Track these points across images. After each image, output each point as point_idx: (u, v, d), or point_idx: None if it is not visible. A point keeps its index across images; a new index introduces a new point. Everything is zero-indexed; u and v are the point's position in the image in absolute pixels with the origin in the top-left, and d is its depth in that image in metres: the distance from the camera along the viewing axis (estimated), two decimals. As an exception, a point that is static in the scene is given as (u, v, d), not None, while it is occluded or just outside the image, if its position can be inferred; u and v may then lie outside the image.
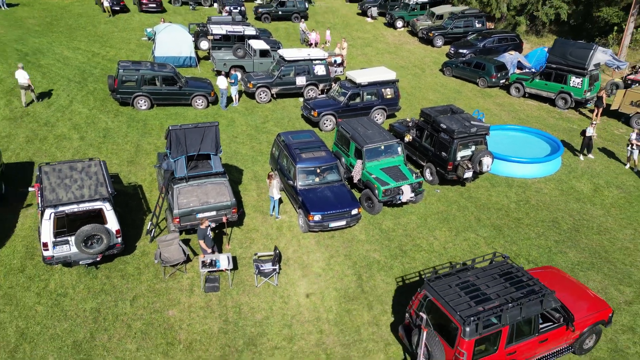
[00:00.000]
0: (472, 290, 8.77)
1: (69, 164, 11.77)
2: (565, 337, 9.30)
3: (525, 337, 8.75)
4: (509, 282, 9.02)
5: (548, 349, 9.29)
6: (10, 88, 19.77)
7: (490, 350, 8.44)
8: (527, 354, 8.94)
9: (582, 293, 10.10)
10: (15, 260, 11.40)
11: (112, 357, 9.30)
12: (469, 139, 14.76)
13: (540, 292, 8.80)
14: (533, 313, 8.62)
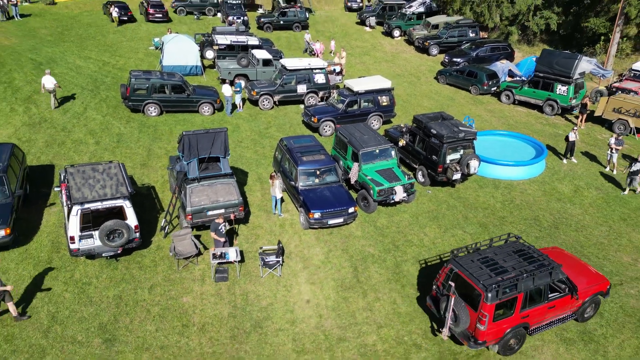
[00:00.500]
0: (492, 264, 10.18)
1: (91, 165, 13.00)
2: (569, 305, 10.76)
3: (537, 303, 10.23)
4: (522, 258, 10.43)
5: (555, 314, 10.70)
6: (27, 96, 21.02)
7: (507, 313, 9.88)
8: (538, 318, 10.38)
9: (583, 268, 11.59)
10: (42, 253, 12.59)
11: (134, 337, 10.48)
12: (458, 144, 15.99)
13: (550, 265, 10.22)
14: (543, 283, 10.06)
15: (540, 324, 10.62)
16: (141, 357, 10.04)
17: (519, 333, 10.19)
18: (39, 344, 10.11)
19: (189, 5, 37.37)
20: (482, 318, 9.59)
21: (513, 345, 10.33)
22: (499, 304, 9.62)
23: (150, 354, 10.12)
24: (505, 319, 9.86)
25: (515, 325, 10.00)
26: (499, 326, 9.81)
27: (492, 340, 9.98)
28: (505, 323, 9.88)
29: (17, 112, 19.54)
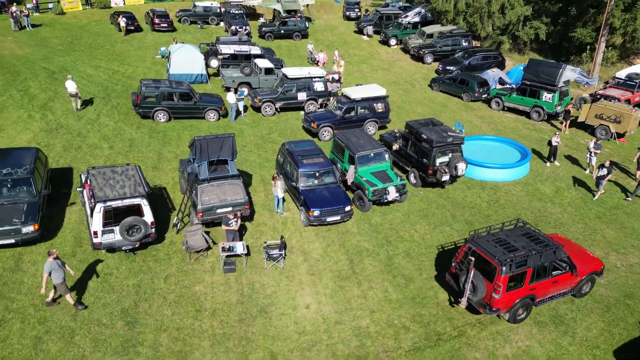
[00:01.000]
0: (504, 244, 11.72)
1: (110, 168, 14.33)
2: (569, 281, 12.41)
3: (542, 278, 11.81)
4: (530, 239, 11.99)
5: (557, 289, 12.31)
6: (43, 103, 22.36)
7: (518, 286, 11.47)
8: (543, 291, 12.02)
9: (581, 251, 13.23)
10: (67, 247, 13.89)
11: (153, 320, 11.77)
12: (446, 148, 17.34)
13: (554, 246, 11.77)
14: (548, 260, 11.65)
15: (545, 297, 12.29)
16: (160, 337, 11.33)
17: (527, 303, 11.90)
18: (68, 325, 11.40)
19: (193, 14, 38.81)
20: (497, 288, 11.20)
21: (521, 314, 12.00)
22: (511, 277, 11.26)
23: (168, 334, 11.41)
24: (516, 290, 11.50)
25: (524, 296, 11.68)
26: (511, 296, 11.48)
27: (504, 309, 11.65)
28: (516, 294, 11.54)
29: (35, 119, 20.88)
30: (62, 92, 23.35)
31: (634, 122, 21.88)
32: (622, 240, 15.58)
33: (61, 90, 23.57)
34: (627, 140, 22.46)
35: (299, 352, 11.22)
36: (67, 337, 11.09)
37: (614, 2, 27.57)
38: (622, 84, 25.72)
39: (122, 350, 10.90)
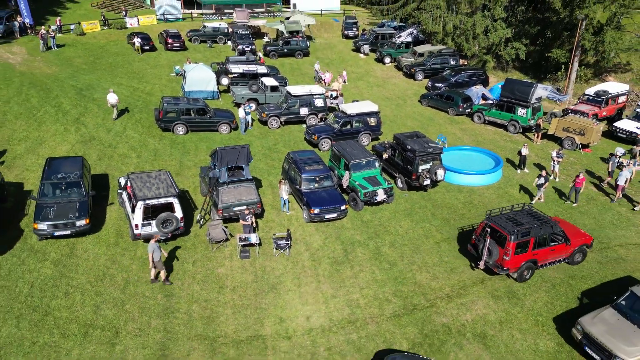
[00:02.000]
0: (513, 220, 15.42)
1: (146, 173, 17.45)
2: (564, 251, 16.08)
3: (542, 247, 15.48)
4: (533, 218, 15.61)
5: (554, 256, 16.01)
6: (76, 118, 25.54)
7: (523, 251, 15.08)
8: (543, 257, 15.69)
9: (575, 229, 16.89)
10: (111, 238, 16.95)
11: (185, 294, 14.78)
12: (427, 156, 20.42)
13: (551, 222, 15.39)
14: (546, 233, 15.37)
15: (545, 262, 15.88)
16: (192, 306, 14.35)
17: (530, 266, 15.49)
18: (119, 297, 14.43)
19: (203, 34, 42.21)
20: (507, 252, 14.80)
21: (526, 274, 15.59)
22: (518, 244, 14.82)
23: (198, 305, 14.43)
24: (522, 254, 15.09)
25: (528, 260, 15.29)
26: (518, 259, 15.06)
27: (513, 269, 15.21)
28: (522, 257, 15.14)
29: (70, 132, 24.04)
30: (91, 108, 26.60)
31: (596, 135, 25.02)
32: (574, 234, 18.58)
33: (90, 106, 26.82)
34: (591, 150, 25.57)
35: (303, 318, 14.22)
36: (119, 306, 14.12)
37: (584, 26, 30.86)
38: (590, 100, 28.86)
39: (163, 315, 13.92)
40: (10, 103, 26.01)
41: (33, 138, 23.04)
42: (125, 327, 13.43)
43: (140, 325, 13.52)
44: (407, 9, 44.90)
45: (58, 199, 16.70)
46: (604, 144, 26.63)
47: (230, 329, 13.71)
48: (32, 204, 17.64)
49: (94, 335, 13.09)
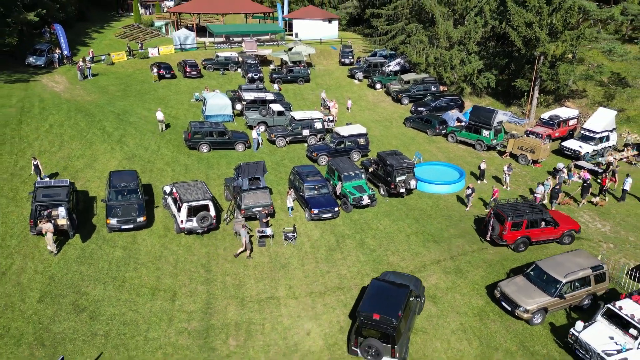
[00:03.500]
0: (513, 207, 22.15)
1: (186, 182, 23.35)
2: (554, 233, 22.29)
3: (534, 227, 21.80)
4: (530, 207, 22.44)
5: (545, 236, 22.33)
6: (118, 138, 31.47)
7: (518, 229, 21.52)
8: (535, 235, 22.00)
9: (567, 219, 23.07)
10: (160, 231, 22.75)
11: (220, 270, 20.54)
12: (403, 170, 26.30)
13: (542, 210, 21.63)
14: (538, 217, 21.71)
15: (538, 239, 22.22)
16: (225, 278, 20.12)
17: (524, 241, 21.97)
18: (173, 271, 20.20)
19: (216, 63, 48.43)
20: (506, 228, 21.39)
21: (521, 247, 22.01)
22: (514, 223, 21.37)
23: (230, 277, 20.19)
24: (517, 231, 21.60)
25: (521, 236, 21.80)
26: (514, 234, 21.64)
27: (510, 241, 21.68)
28: (517, 233, 21.67)
29: (116, 150, 29.97)
30: (129, 130, 32.55)
31: (544, 152, 30.97)
32: (515, 230, 24.41)
33: (128, 128, 32.78)
34: (541, 165, 31.48)
35: (306, 285, 19.98)
36: (174, 277, 19.89)
37: (541, 61, 37.02)
38: (545, 123, 34.87)
39: (206, 283, 19.69)
40: (64, 126, 31.98)
41: (88, 155, 28.97)
42: (180, 290, 19.22)
43: (190, 289, 19.30)
44: (396, 40, 51.26)
45: (122, 201, 22.52)
46: (553, 159, 32.55)
47: (253, 292, 19.48)
48: (101, 205, 23.51)
49: (159, 295, 18.86)
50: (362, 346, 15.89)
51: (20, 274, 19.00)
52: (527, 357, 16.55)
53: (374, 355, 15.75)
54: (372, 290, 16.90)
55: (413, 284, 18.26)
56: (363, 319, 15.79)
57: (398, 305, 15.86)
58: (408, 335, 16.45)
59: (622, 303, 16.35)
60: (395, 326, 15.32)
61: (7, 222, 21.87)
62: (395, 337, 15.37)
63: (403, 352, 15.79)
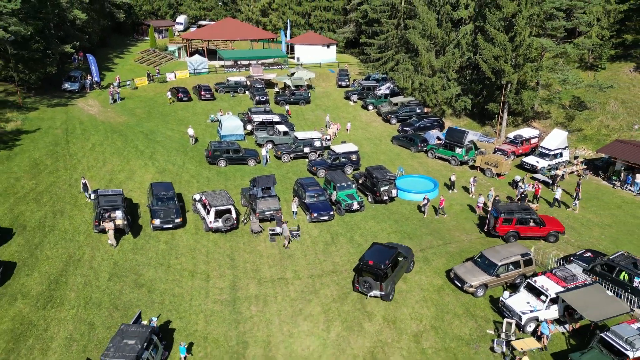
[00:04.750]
0: (508, 207, 28.70)
1: (212, 191, 29.79)
2: (540, 231, 28.39)
3: (523, 224, 28.15)
4: (522, 208, 28.63)
5: (532, 233, 28.53)
6: (149, 155, 37.92)
7: (509, 224, 28.09)
8: (523, 231, 28.34)
9: (553, 220, 29.03)
10: (192, 230, 29.11)
11: (241, 259, 26.88)
12: (386, 182, 32.72)
13: (531, 211, 27.92)
14: (527, 217, 27.85)
15: (525, 235, 28.23)
16: (246, 264, 26.46)
17: (514, 235, 28.12)
18: (205, 259, 26.54)
19: (227, 86, 55.10)
20: (498, 223, 27.45)
21: (511, 240, 28.02)
22: (505, 219, 27.78)
23: (249, 264, 26.53)
24: (508, 226, 27.90)
25: (510, 230, 27.98)
26: (505, 228, 28.08)
27: (502, 234, 27.97)
28: (507, 228, 27.96)
29: (149, 165, 36.42)
30: (158, 148, 39.04)
31: (506, 166, 37.45)
32: (470, 229, 30.76)
33: (157, 147, 39.27)
34: (504, 177, 37.92)
35: (307, 270, 26.30)
36: (206, 263, 26.21)
37: (508, 88, 43.67)
38: (511, 141, 41.40)
39: (231, 268, 26.03)
40: (104, 145, 38.49)
41: (127, 170, 35.43)
42: (212, 273, 25.55)
43: (220, 272, 25.64)
44: (387, 66, 58.12)
45: (163, 206, 28.91)
46: (515, 172, 39.01)
47: (267, 275, 25.80)
48: (144, 210, 29.91)
49: (196, 276, 25.19)
50: (360, 282, 23.44)
51: (91, 260, 25.37)
52: (469, 318, 22.84)
53: (367, 288, 23.38)
54: (372, 249, 24.84)
55: (404, 250, 25.94)
56: (362, 264, 23.50)
57: (387, 258, 23.53)
58: (395, 280, 24.26)
59: (538, 278, 22.70)
60: (383, 270, 22.81)
61: (74, 222, 28.27)
62: (382, 277, 22.81)
63: (388, 288, 23.31)
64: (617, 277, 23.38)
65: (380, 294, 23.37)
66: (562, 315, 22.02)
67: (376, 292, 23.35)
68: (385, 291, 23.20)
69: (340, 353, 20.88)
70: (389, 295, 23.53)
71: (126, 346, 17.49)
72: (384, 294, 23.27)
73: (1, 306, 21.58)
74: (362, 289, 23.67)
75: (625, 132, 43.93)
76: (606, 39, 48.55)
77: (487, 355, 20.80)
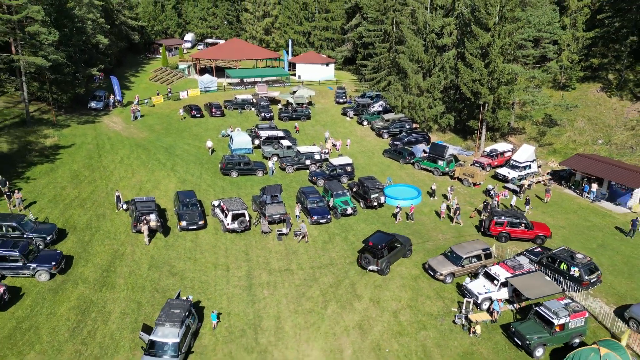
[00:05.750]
0: (502, 212, 34.84)
1: (229, 198, 35.85)
2: (527, 234, 34.27)
3: (514, 227, 34.33)
4: (516, 214, 34.69)
5: (521, 235, 34.40)
6: (171, 167, 43.96)
7: (500, 226, 34.46)
8: (513, 233, 34.42)
9: (543, 226, 34.68)
10: (212, 230, 35.09)
11: (255, 253, 32.87)
12: (376, 190, 38.77)
13: (522, 217, 34.12)
14: (516, 221, 34.11)
15: (516, 236, 34.12)
16: (258, 258, 32.43)
17: (505, 235, 34.29)
18: (224, 254, 32.51)
19: (234, 104, 61.34)
20: (492, 224, 34.02)
21: (503, 240, 33.99)
22: (497, 222, 34.27)
23: (261, 257, 32.51)
24: (499, 227, 34.17)
25: (502, 232, 34.16)
26: (497, 229, 34.45)
27: (495, 234, 34.31)
28: (499, 229, 34.24)
29: (171, 176, 42.47)
30: (177, 161, 45.12)
31: (480, 177, 43.53)
32: (446, 230, 36.75)
33: (176, 160, 45.35)
34: (479, 186, 43.97)
35: (309, 263, 32.28)
36: (225, 257, 32.19)
37: (486, 108, 49.86)
38: (487, 154, 47.53)
39: (246, 261, 32.00)
40: (130, 158, 44.58)
41: (153, 180, 41.48)
42: (231, 265, 31.52)
43: (237, 264, 31.60)
44: (380, 85, 64.49)
45: (188, 210, 34.93)
46: (489, 182, 45.06)
47: (276, 267, 31.77)
48: (171, 214, 35.93)
49: (218, 268, 31.16)
50: (362, 258, 30.89)
51: (133, 255, 31.35)
52: (438, 299, 28.77)
53: (367, 263, 30.57)
54: (374, 235, 32.12)
55: (402, 239, 32.67)
56: (364, 244, 30.58)
57: (384, 242, 30.51)
58: (390, 261, 30.92)
59: (492, 267, 28.69)
60: (380, 250, 29.84)
61: (114, 224, 34.28)
62: (379, 256, 29.78)
63: (383, 265, 29.97)
64: (558, 267, 29.37)
65: (376, 269, 30.14)
66: (511, 296, 27.98)
67: (373, 267, 30.15)
68: (380, 267, 29.95)
69: (335, 324, 26.80)
70: (383, 270, 30.17)
71: (173, 314, 23.43)
72: (379, 269, 30.01)
73: (67, 289, 27.54)
74: (363, 263, 30.83)
75: (590, 146, 50.14)
76: (575, 63, 54.87)
77: (449, 326, 26.72)
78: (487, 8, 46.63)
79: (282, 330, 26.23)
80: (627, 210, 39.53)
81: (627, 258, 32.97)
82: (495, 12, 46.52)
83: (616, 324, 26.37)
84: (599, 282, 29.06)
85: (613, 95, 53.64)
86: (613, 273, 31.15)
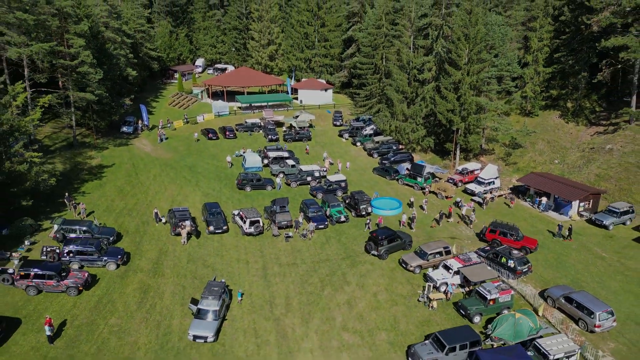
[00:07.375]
0: (498, 223, 44.36)
1: (246, 208, 45.76)
2: (515, 243, 42.38)
3: (504, 236, 43.07)
4: (508, 226, 43.70)
5: (510, 244, 42.23)
6: (195, 183, 53.84)
7: (494, 234, 43.59)
8: (504, 241, 42.61)
9: (532, 240, 43.53)
10: (233, 234, 44.88)
11: (268, 251, 42.63)
12: (364, 202, 48.64)
13: (513, 228, 43.31)
14: (507, 232, 43.11)
15: (506, 244, 43.21)
16: (271, 255, 42.23)
17: (498, 242, 42.85)
18: (245, 251, 42.30)
19: (245, 127, 71.51)
20: (487, 232, 43.72)
21: (495, 245, 42.78)
22: (490, 230, 43.86)
23: (273, 255, 42.28)
24: (493, 234, 43.53)
25: (494, 238, 43.28)
26: (491, 236, 43.64)
27: (489, 239, 43.60)
28: (493, 235, 43.50)
29: (197, 191, 52.34)
30: (200, 178, 55.08)
31: (451, 191, 53.47)
32: (419, 234, 46.57)
33: (199, 177, 55.30)
34: (451, 198, 53.86)
35: (310, 258, 42.06)
36: (244, 253, 41.98)
37: (459, 133, 59.95)
38: (459, 172, 57.53)
39: (261, 257, 41.80)
40: (161, 176, 54.55)
41: (182, 194, 51.39)
42: (249, 260, 41.30)
43: (254, 259, 41.38)
44: (372, 111, 74.83)
45: (214, 218, 44.76)
46: (460, 195, 54.92)
47: (285, 261, 41.54)
48: (200, 221, 45.81)
49: (240, 261, 40.93)
50: (367, 244, 40.66)
51: (174, 252, 41.16)
52: (408, 284, 38.49)
53: (370, 248, 40.64)
54: (379, 229, 42.06)
55: (403, 235, 42.54)
56: (370, 235, 40.58)
57: (385, 234, 40.58)
58: (389, 250, 41.12)
59: (449, 260, 38.53)
60: (380, 240, 39.93)
61: (157, 229, 44.11)
62: (379, 244, 39.86)
63: (382, 252, 40.04)
64: (499, 261, 39.17)
65: (377, 254, 40.64)
66: (462, 281, 37.74)
67: (374, 252, 40.78)
68: (379, 253, 40.55)
69: (329, 302, 36.47)
70: (382, 256, 40.69)
71: (213, 291, 33.15)
72: (378, 254, 40.50)
73: (130, 276, 37.30)
74: (367, 248, 41.77)
75: (548, 165, 60.18)
76: (538, 93, 65.14)
77: (415, 303, 36.40)
78: (457, 51, 56.97)
79: (290, 305, 35.96)
80: (568, 218, 49.40)
81: (558, 255, 42.79)
82: (465, 54, 56.85)
83: (538, 301, 36.11)
84: (530, 271, 38.87)
85: (570, 122, 63.82)
86: (544, 266, 40.96)
